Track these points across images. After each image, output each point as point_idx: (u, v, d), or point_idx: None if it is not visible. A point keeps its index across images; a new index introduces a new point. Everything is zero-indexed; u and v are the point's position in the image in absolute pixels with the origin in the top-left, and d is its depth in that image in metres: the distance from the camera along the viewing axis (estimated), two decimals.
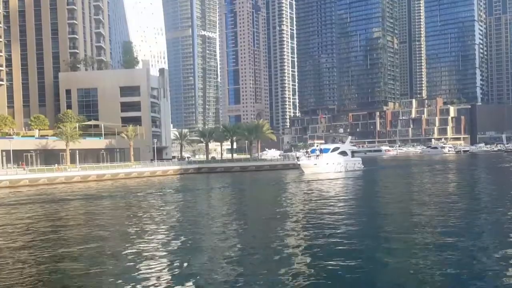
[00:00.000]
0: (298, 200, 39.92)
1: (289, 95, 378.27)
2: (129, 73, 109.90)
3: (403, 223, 26.39)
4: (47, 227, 28.76)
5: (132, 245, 21.98)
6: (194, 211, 34.01)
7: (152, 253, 20.45)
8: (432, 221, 25.95)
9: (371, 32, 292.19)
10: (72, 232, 26.52)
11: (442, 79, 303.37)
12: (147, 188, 57.04)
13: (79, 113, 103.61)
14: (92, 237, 24.66)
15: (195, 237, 23.85)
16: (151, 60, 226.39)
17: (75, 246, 22.24)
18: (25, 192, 55.38)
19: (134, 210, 36.31)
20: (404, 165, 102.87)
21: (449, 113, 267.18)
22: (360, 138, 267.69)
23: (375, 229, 24.62)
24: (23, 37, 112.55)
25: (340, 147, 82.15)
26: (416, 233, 22.76)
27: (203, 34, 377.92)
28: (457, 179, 60.70)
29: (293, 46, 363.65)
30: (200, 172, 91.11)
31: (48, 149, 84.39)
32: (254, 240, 22.76)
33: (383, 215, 30.14)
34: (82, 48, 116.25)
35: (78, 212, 36.18)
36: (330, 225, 25.90)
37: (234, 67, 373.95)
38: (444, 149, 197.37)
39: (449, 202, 34.47)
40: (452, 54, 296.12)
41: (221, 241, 22.27)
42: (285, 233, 24.11)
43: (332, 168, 75.28)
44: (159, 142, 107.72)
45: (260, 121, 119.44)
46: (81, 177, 74.26)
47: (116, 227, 28.00)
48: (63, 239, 24.47)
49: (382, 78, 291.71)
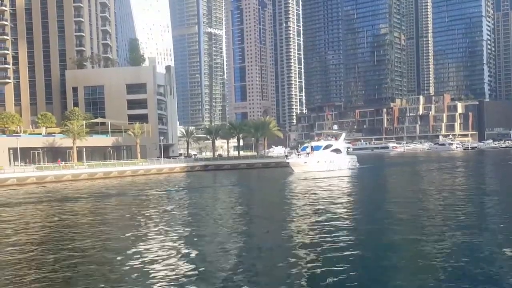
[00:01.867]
0: (307, 199, 39.50)
1: (296, 92, 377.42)
2: (135, 71, 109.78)
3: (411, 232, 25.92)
4: (53, 227, 28.58)
5: (140, 246, 21.70)
6: (202, 212, 33.64)
7: (159, 254, 20.14)
8: (438, 229, 25.46)
9: (378, 28, 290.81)
10: (77, 233, 26.28)
11: (449, 75, 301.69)
12: (154, 186, 56.83)
13: (86, 110, 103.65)
14: (98, 238, 24.40)
15: (203, 239, 23.51)
16: (157, 58, 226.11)
17: (80, 245, 21.98)
18: (33, 189, 55.41)
19: (141, 209, 36.04)
20: (411, 162, 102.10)
21: (456, 109, 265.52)
22: (367, 135, 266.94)
23: (378, 236, 24.15)
24: (29, 35, 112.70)
25: (333, 145, 78.83)
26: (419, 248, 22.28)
27: (209, 31, 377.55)
28: (471, 178, 59.96)
29: (300, 42, 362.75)
30: (206, 169, 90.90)
31: (55, 147, 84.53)
32: (266, 243, 22.37)
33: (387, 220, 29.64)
34: (88, 46, 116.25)
35: (83, 212, 35.98)
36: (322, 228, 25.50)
37: (241, 64, 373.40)
38: (452, 145, 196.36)
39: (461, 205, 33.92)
40: (460, 50, 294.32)
41: (231, 244, 21.94)
42: (303, 237, 23.72)
43: (324, 167, 71.94)
44: (166, 139, 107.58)
45: (267, 118, 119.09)
46: (88, 175, 74.37)
47: (124, 228, 27.75)
48: (68, 240, 24.22)
49: (389, 74, 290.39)
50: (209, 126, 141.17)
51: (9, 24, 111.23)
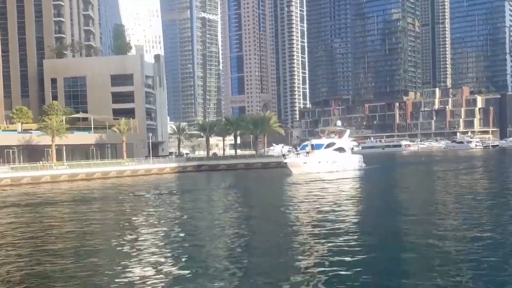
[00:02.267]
0: (311, 203, 39.17)
1: (299, 84, 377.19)
2: (121, 60, 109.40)
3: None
4: (29, 234, 28.18)
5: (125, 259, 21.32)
6: (194, 220, 33.17)
7: (144, 274, 19.76)
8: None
9: (390, 13, 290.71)
10: (58, 244, 25.87)
11: (468, 66, 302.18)
12: (141, 189, 56.56)
13: (66, 104, 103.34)
14: (82, 250, 24.00)
15: (195, 254, 23.14)
16: (145, 46, 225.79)
17: (62, 259, 21.57)
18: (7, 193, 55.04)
19: (127, 216, 35.66)
20: (426, 162, 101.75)
21: (476, 103, 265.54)
22: (378, 132, 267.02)
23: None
24: (3, 20, 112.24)
25: (336, 143, 77.39)
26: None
27: (203, 16, 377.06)
28: (494, 182, 59.56)
29: (303, 29, 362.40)
30: (200, 170, 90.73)
31: (31, 145, 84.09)
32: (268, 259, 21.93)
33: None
34: (69, 33, 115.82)
35: (64, 219, 35.60)
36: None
37: (238, 53, 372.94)
38: (471, 143, 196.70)
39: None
40: (480, 38, 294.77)
41: (229, 260, 21.55)
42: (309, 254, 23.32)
43: (325, 168, 71.22)
44: (155, 136, 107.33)
45: (267, 113, 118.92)
46: (69, 176, 74.12)
47: (107, 240, 27.36)
48: (48, 251, 23.81)
49: (402, 65, 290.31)
50: (202, 122, 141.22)
51: None
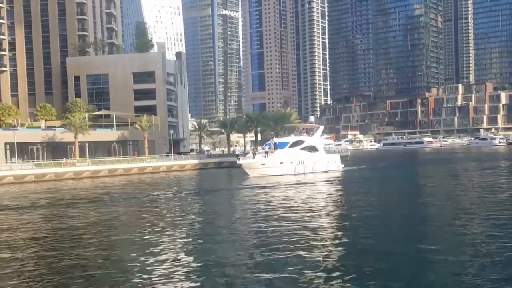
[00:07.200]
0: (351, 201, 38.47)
1: (320, 81, 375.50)
2: (142, 58, 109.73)
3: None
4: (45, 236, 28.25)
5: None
6: (217, 220, 32.73)
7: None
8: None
9: (412, 9, 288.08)
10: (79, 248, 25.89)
11: (492, 62, 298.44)
12: (165, 187, 56.50)
13: (89, 101, 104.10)
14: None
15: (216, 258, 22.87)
16: (167, 43, 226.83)
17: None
18: (31, 189, 55.50)
19: (151, 217, 35.56)
20: (444, 159, 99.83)
21: (500, 99, 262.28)
22: (399, 128, 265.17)
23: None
24: (27, 18, 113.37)
25: (306, 141, 68.60)
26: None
27: (224, 13, 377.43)
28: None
29: (324, 26, 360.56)
30: (221, 166, 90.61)
31: (55, 142, 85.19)
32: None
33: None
34: (91, 30, 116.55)
35: (86, 218, 35.68)
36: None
37: (259, 49, 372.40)
38: (495, 140, 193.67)
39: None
40: (504, 34, 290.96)
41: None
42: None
43: (289, 170, 63.44)
44: (176, 133, 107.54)
45: (287, 110, 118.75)
46: (91, 173, 74.65)
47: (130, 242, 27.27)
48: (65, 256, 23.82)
49: (424, 61, 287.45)
50: (223, 118, 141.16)
51: (5, 6, 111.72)
